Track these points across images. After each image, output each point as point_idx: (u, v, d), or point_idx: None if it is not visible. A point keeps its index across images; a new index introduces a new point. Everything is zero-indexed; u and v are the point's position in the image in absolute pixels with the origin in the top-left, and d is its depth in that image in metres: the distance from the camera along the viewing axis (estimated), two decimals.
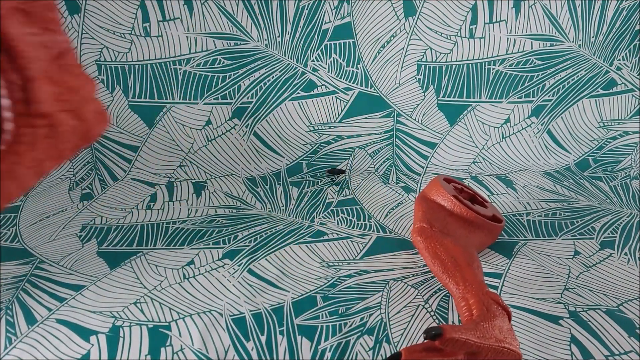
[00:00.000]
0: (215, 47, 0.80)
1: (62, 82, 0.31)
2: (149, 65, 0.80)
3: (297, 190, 0.76)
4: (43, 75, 0.30)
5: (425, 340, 0.39)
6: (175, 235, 0.63)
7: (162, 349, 0.45)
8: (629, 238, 0.62)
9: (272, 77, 0.83)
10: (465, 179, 0.80)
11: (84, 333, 0.46)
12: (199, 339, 0.46)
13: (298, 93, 0.84)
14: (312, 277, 0.54)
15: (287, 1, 0.79)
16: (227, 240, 0.61)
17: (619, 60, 0.83)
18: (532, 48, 0.82)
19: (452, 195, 0.57)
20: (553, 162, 0.85)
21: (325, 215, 0.68)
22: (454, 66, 0.83)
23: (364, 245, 0.61)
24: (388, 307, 0.49)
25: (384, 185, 0.78)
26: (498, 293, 0.51)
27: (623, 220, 0.66)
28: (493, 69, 0.83)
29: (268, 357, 0.45)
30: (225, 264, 0.56)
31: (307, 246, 0.60)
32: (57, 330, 0.47)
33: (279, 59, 0.82)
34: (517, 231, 0.65)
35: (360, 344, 0.46)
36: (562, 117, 0.85)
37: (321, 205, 0.71)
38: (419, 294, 0.52)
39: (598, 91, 0.84)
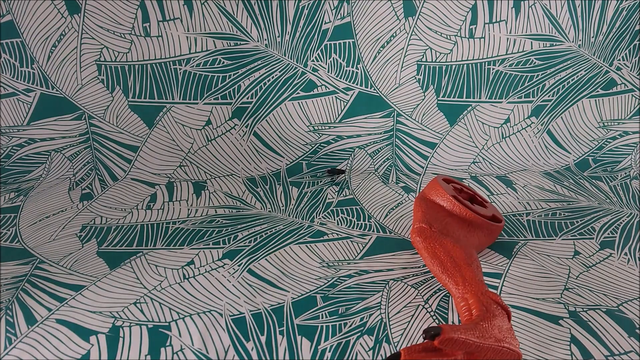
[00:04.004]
0: (215, 47, 0.81)
1: None
2: (149, 65, 0.80)
3: (297, 190, 0.76)
4: None
5: (425, 340, 0.39)
6: (175, 235, 0.63)
7: (162, 349, 0.45)
8: (629, 238, 0.62)
9: (272, 77, 0.83)
10: (465, 179, 0.80)
11: (84, 333, 0.46)
12: (199, 339, 0.46)
13: (298, 93, 0.84)
14: (312, 277, 0.54)
15: (287, 1, 0.79)
16: (227, 240, 0.61)
17: (619, 60, 0.83)
18: (532, 48, 0.82)
19: (452, 196, 0.57)
20: (553, 162, 0.85)
21: (325, 215, 0.68)
22: (454, 66, 0.83)
23: (364, 245, 0.61)
24: (388, 307, 0.49)
25: (383, 185, 0.78)
26: (498, 293, 0.51)
27: (623, 220, 0.66)
28: (493, 69, 0.83)
29: (268, 357, 0.45)
30: (225, 264, 0.56)
31: (307, 246, 0.60)
32: (57, 330, 0.47)
33: (279, 59, 0.82)
34: (517, 231, 0.65)
35: (360, 344, 0.46)
36: (562, 117, 0.85)
37: (321, 205, 0.71)
38: (418, 294, 0.52)
39: (598, 91, 0.84)
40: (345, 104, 0.85)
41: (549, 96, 0.84)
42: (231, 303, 0.50)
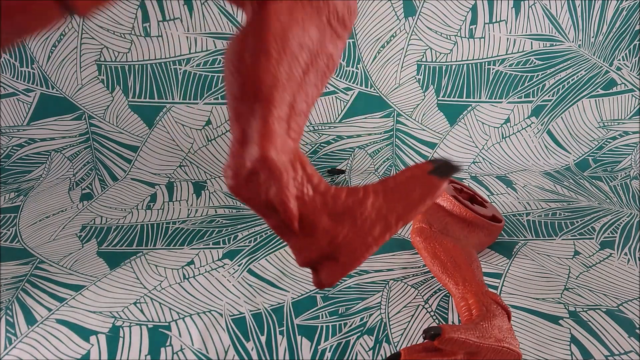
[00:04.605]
0: (215, 47, 0.81)
1: None
2: (149, 65, 0.80)
3: None
4: None
5: (425, 340, 0.39)
6: (175, 235, 0.63)
7: (162, 349, 0.45)
8: (629, 238, 0.62)
9: None
10: (465, 179, 0.80)
11: (84, 333, 0.46)
12: (199, 339, 0.46)
13: None
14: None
15: None
16: (227, 240, 0.61)
17: (619, 60, 0.83)
18: (532, 48, 0.82)
19: (452, 196, 0.57)
20: (553, 162, 0.85)
21: None
22: (453, 66, 0.83)
23: None
24: (388, 307, 0.49)
25: None
26: (498, 293, 0.51)
27: (623, 220, 0.66)
28: (493, 69, 0.83)
29: (268, 357, 0.45)
30: (225, 264, 0.56)
31: None
32: (57, 330, 0.47)
33: None
34: (517, 231, 0.65)
35: (360, 344, 0.46)
36: (562, 117, 0.85)
37: None
38: (419, 294, 0.52)
39: (598, 91, 0.84)
40: (345, 104, 0.85)
41: (549, 96, 0.84)
42: (231, 303, 0.50)
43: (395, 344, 0.45)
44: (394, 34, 0.82)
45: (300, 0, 0.25)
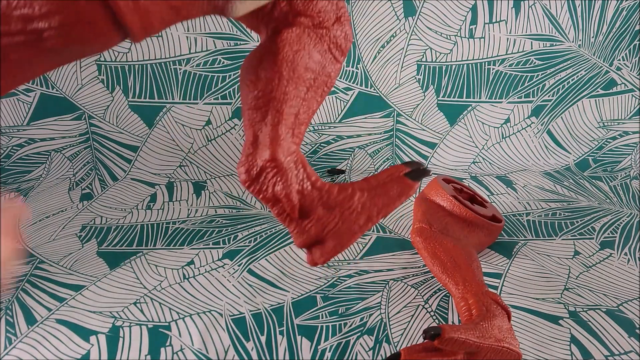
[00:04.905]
0: (215, 47, 0.81)
1: None
2: (149, 65, 0.80)
3: None
4: None
5: (425, 340, 0.39)
6: (175, 235, 0.63)
7: (162, 349, 0.45)
8: (629, 238, 0.62)
9: None
10: (465, 179, 0.80)
11: (84, 333, 0.46)
12: (198, 339, 0.46)
13: None
14: (312, 277, 0.54)
15: None
16: (227, 240, 0.61)
17: (619, 60, 0.83)
18: (532, 48, 0.82)
19: (452, 196, 0.57)
20: (553, 162, 0.85)
21: None
22: (453, 66, 0.83)
23: (364, 245, 0.61)
24: (388, 307, 0.49)
25: None
26: (498, 293, 0.52)
27: (623, 220, 0.66)
28: (493, 69, 0.83)
29: (268, 357, 0.45)
30: (225, 264, 0.56)
31: None
32: (57, 330, 0.47)
33: None
34: (517, 231, 0.65)
35: (360, 344, 0.46)
36: (562, 117, 0.85)
37: None
38: (418, 294, 0.52)
39: (598, 91, 0.84)
40: (345, 104, 0.85)
41: (549, 96, 0.84)
42: (231, 303, 0.50)
43: (395, 344, 0.45)
44: (394, 34, 0.82)
45: (307, 29, 0.31)
